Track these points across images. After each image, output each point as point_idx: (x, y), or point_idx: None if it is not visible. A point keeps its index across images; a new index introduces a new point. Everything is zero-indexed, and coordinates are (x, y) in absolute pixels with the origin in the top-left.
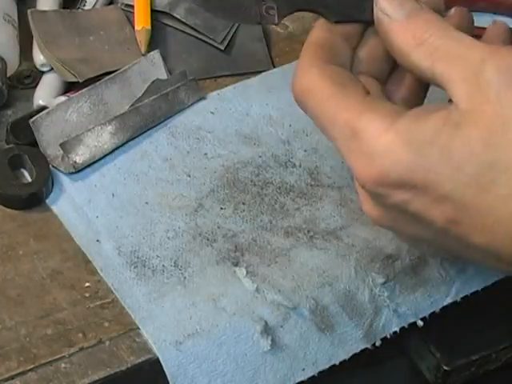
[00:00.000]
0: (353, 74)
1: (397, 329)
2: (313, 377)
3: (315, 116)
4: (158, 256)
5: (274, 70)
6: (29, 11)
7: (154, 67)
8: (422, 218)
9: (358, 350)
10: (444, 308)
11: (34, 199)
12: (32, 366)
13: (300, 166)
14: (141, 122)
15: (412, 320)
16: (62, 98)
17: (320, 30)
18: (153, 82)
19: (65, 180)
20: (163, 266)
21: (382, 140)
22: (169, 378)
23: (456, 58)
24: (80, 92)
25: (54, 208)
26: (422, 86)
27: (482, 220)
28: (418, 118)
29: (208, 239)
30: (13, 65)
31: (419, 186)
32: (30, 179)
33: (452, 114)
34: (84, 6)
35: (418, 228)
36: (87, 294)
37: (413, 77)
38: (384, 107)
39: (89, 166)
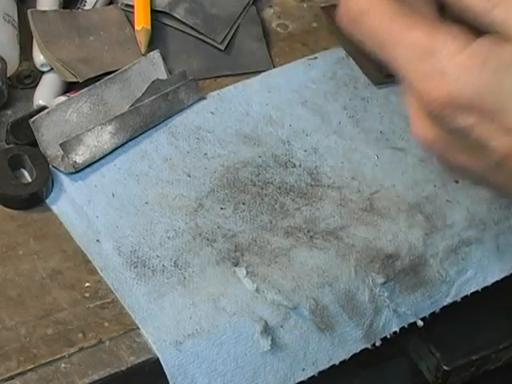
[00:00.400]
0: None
1: (397, 329)
2: (313, 377)
3: (374, 36)
4: (158, 256)
5: (274, 69)
6: (29, 11)
7: (153, 67)
8: (481, 146)
9: (357, 350)
10: (444, 308)
11: (34, 199)
12: (32, 366)
13: (300, 165)
14: (141, 122)
15: (412, 320)
16: (62, 98)
17: None
18: (153, 81)
19: (65, 180)
20: (163, 265)
21: (456, 60)
22: (169, 378)
23: None
24: (80, 92)
25: (54, 208)
26: None
27: None
28: (494, 43)
29: (208, 239)
30: (13, 65)
31: (487, 111)
32: (29, 179)
33: None
34: (84, 5)
35: (472, 157)
36: (87, 294)
37: None
38: (457, 29)
39: (89, 166)
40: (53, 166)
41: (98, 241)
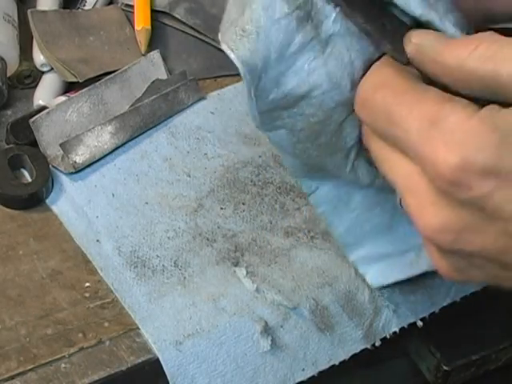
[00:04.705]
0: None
1: (396, 329)
2: (313, 377)
3: (387, 110)
4: (158, 256)
5: None
6: (29, 11)
7: (154, 67)
8: (501, 215)
9: (357, 350)
10: (444, 308)
11: (34, 199)
12: (32, 366)
13: None
14: (141, 122)
15: (412, 320)
16: (62, 98)
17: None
18: (153, 81)
19: (65, 180)
20: (163, 265)
21: (465, 126)
22: (169, 378)
23: None
24: (80, 92)
25: (54, 208)
26: None
27: None
28: (500, 109)
29: (208, 239)
30: (13, 65)
31: (505, 174)
32: (30, 179)
33: None
34: (84, 6)
35: (487, 235)
36: (87, 294)
37: None
38: (464, 100)
39: (89, 166)
40: (53, 166)
41: (98, 241)
